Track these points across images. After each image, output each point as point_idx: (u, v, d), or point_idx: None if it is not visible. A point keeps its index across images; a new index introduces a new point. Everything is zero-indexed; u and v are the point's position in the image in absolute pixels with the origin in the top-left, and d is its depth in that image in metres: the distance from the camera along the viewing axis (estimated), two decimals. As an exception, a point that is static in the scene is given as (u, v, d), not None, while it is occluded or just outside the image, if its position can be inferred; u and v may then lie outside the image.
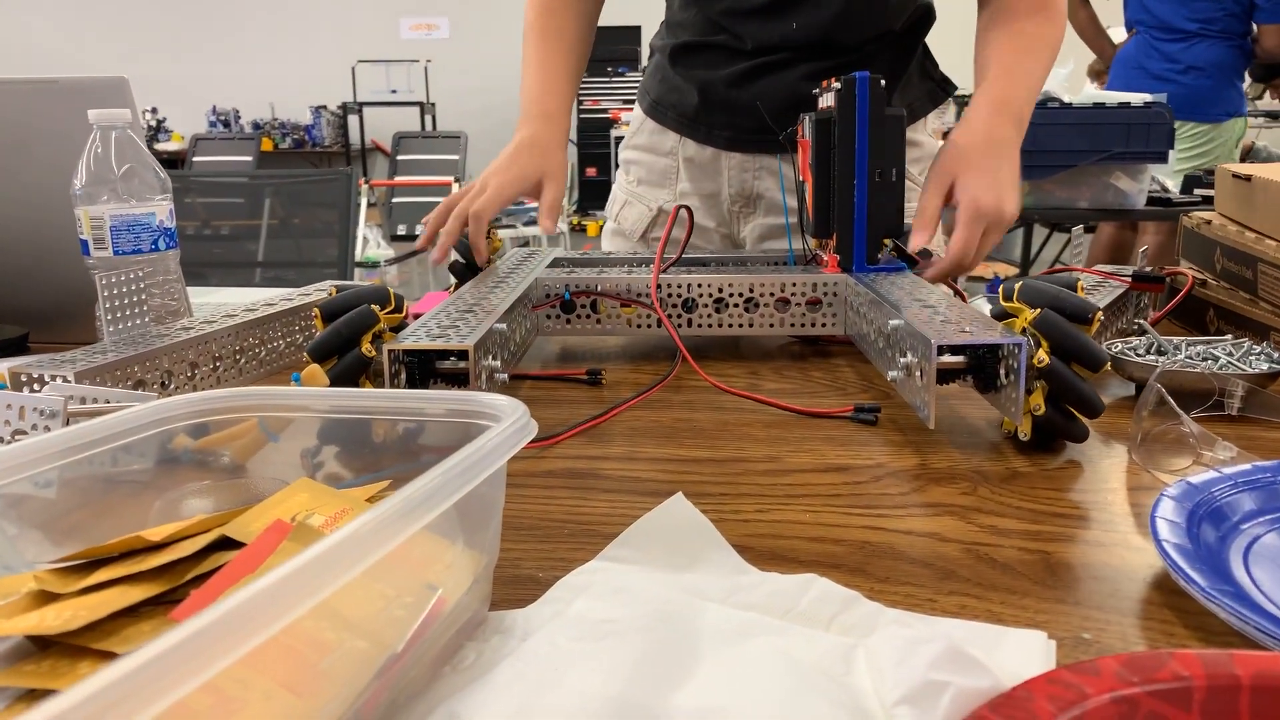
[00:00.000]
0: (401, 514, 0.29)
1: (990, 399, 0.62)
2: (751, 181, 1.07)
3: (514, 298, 0.75)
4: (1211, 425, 0.63)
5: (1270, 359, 0.68)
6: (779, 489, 0.53)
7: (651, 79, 1.14)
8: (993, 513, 0.50)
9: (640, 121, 1.14)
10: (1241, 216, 0.90)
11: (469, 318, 0.67)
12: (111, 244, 0.74)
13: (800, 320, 0.83)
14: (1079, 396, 0.56)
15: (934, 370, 0.57)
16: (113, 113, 0.73)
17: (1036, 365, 0.56)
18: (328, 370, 0.60)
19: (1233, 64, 3.07)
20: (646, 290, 0.82)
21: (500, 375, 0.66)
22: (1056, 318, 0.58)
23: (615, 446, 0.61)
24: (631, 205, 1.15)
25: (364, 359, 0.59)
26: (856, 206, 0.82)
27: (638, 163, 1.15)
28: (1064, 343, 0.57)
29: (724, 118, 1.05)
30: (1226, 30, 3.03)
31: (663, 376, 0.75)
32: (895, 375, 0.64)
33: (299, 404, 0.44)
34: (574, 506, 0.51)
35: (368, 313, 0.61)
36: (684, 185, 1.10)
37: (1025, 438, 0.59)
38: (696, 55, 1.05)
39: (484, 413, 0.41)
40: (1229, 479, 0.48)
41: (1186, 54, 3.07)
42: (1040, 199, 2.33)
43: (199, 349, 0.72)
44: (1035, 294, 0.60)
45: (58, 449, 0.38)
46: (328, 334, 0.60)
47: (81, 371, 0.61)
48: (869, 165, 0.81)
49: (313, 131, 7.94)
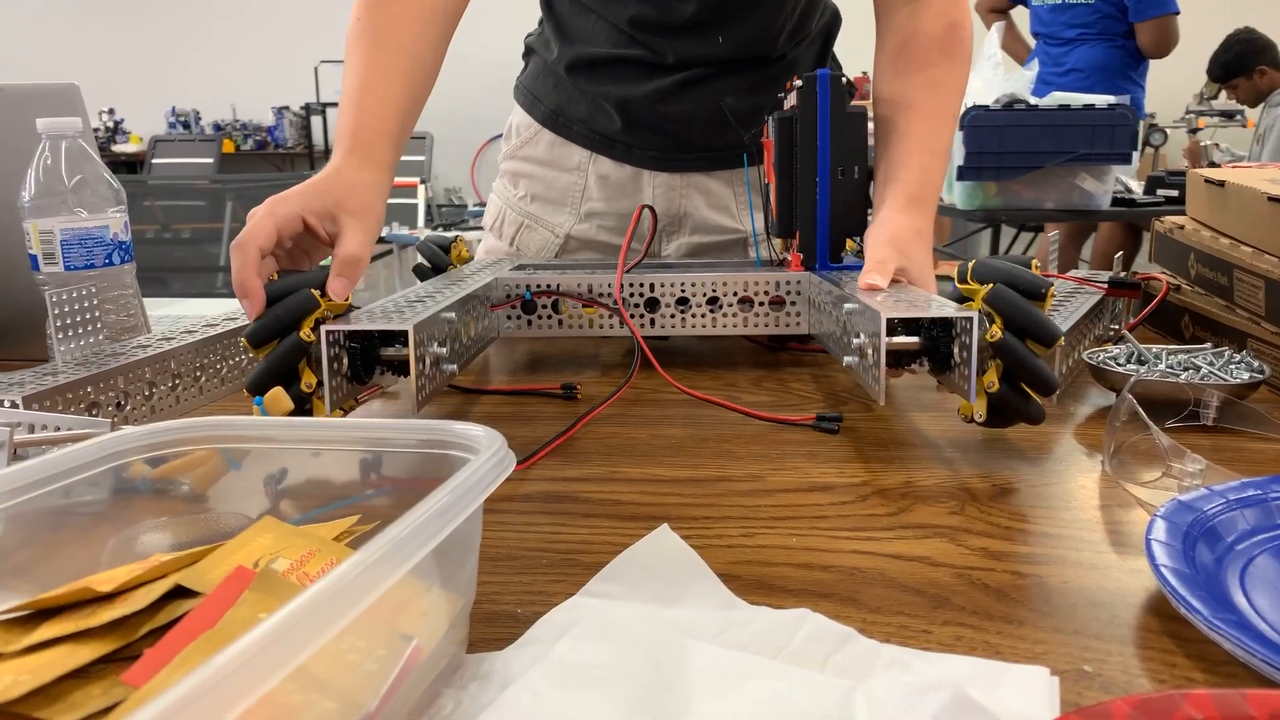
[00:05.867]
0: (380, 564, 0.27)
1: (945, 381, 0.61)
2: (679, 200, 1.02)
3: (468, 290, 0.72)
4: (1188, 436, 0.63)
5: (1250, 368, 0.67)
6: (763, 511, 0.52)
7: (541, 84, 1.05)
8: (982, 533, 0.49)
9: (534, 130, 1.06)
10: (1214, 221, 0.90)
11: (417, 306, 0.64)
12: (62, 259, 0.70)
13: (765, 320, 0.82)
14: (1033, 373, 0.56)
15: (884, 346, 0.56)
16: (62, 122, 0.70)
17: (989, 341, 0.55)
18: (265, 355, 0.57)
19: (1113, 64, 3.25)
20: (609, 290, 0.80)
21: (449, 366, 0.63)
22: (1009, 293, 0.57)
23: (593, 466, 0.59)
24: (532, 230, 1.07)
25: (303, 344, 0.56)
26: (819, 204, 0.81)
27: (532, 177, 1.06)
28: (1017, 318, 0.56)
29: (649, 137, 1.00)
30: (1104, 32, 3.20)
31: (625, 380, 0.73)
32: (850, 360, 0.63)
33: (262, 435, 0.41)
34: (552, 534, 0.49)
35: (307, 297, 0.58)
36: (595, 204, 1.04)
37: (981, 419, 0.58)
38: (605, 69, 0.99)
39: (458, 443, 0.39)
40: (1220, 495, 0.47)
41: (1068, 57, 3.27)
42: (1007, 200, 2.35)
43: (156, 368, 0.69)
44: (989, 271, 0.60)
45: (2, 490, 0.36)
46: (266, 319, 0.57)
47: (30, 395, 0.58)
48: (831, 163, 0.80)
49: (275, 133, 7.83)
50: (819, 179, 0.80)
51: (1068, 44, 3.32)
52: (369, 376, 0.60)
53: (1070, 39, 3.31)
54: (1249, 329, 0.76)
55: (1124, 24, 3.21)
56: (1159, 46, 3.19)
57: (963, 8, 0.86)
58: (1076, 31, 3.28)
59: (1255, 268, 0.75)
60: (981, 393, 0.57)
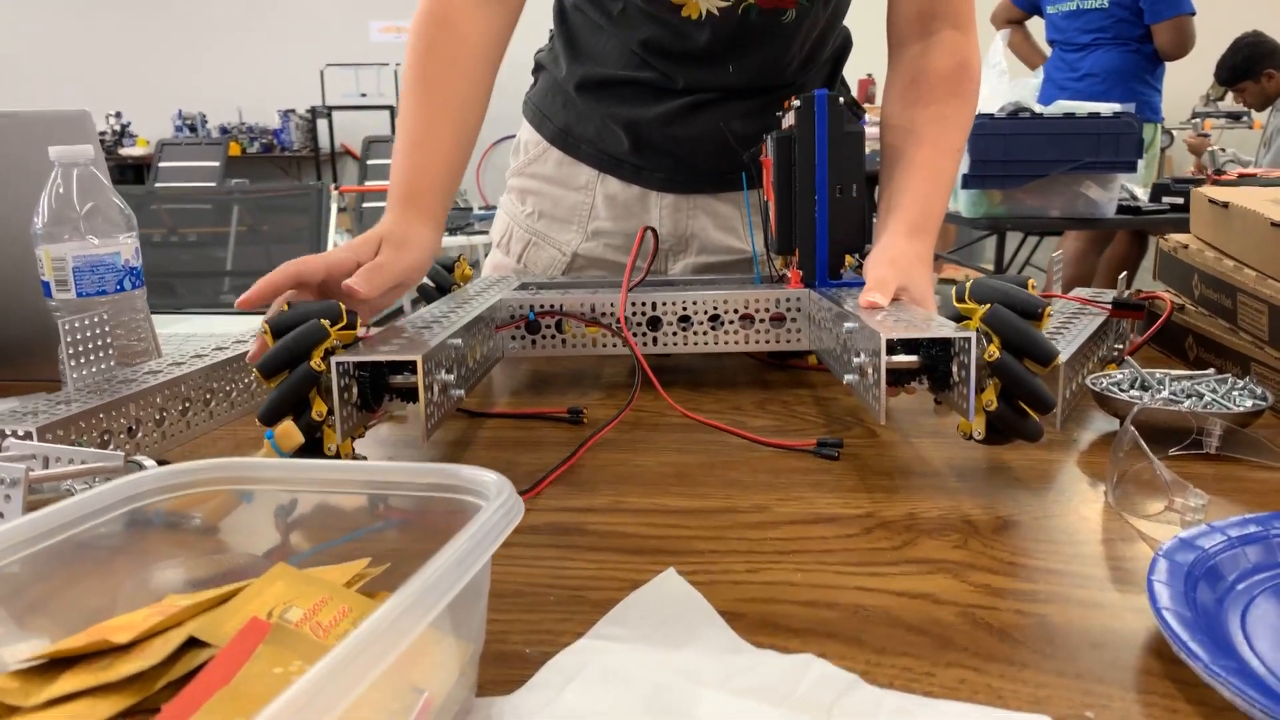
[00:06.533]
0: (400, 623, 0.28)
1: (944, 399, 0.62)
2: (686, 221, 1.03)
3: (473, 315, 0.73)
4: (1191, 464, 0.63)
5: (1254, 395, 0.68)
6: (768, 544, 0.52)
7: (550, 101, 1.06)
8: (985, 569, 0.49)
9: (542, 148, 1.06)
10: (1219, 242, 0.90)
11: (424, 333, 0.65)
12: (75, 285, 0.71)
13: (765, 336, 0.83)
14: (1030, 391, 0.56)
15: (884, 366, 0.57)
16: (75, 149, 0.71)
17: (988, 360, 0.56)
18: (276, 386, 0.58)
19: (1129, 69, 3.27)
20: (611, 310, 0.81)
21: (456, 391, 0.64)
22: (1006, 313, 0.58)
23: (600, 496, 0.60)
24: (539, 247, 1.07)
25: (313, 374, 0.57)
26: (818, 222, 0.82)
27: (540, 194, 1.07)
28: (1014, 338, 0.57)
29: (657, 159, 1.01)
30: (1119, 37, 3.24)
31: (625, 405, 0.74)
32: (851, 379, 0.64)
33: (278, 477, 0.42)
34: (559, 568, 0.50)
35: (317, 327, 0.59)
36: (602, 223, 1.04)
37: (980, 436, 0.59)
38: (615, 90, 0.99)
39: (467, 488, 0.39)
40: (1222, 531, 0.48)
41: (1083, 62, 3.31)
42: (1012, 208, 2.35)
43: (167, 394, 0.69)
44: (986, 291, 0.61)
45: (21, 539, 0.36)
46: (276, 350, 0.58)
47: (44, 425, 0.59)
48: (830, 181, 0.81)
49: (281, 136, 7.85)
50: (818, 197, 0.81)
51: (1083, 49, 3.34)
52: (378, 404, 0.61)
53: (1085, 44, 3.33)
54: (1253, 353, 0.76)
55: (1139, 28, 3.23)
56: (1177, 47, 3.20)
57: (973, 46, 0.87)
58: (1091, 37, 3.30)
59: (1259, 292, 0.75)
60: (980, 411, 0.57)
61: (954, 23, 0.87)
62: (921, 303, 0.71)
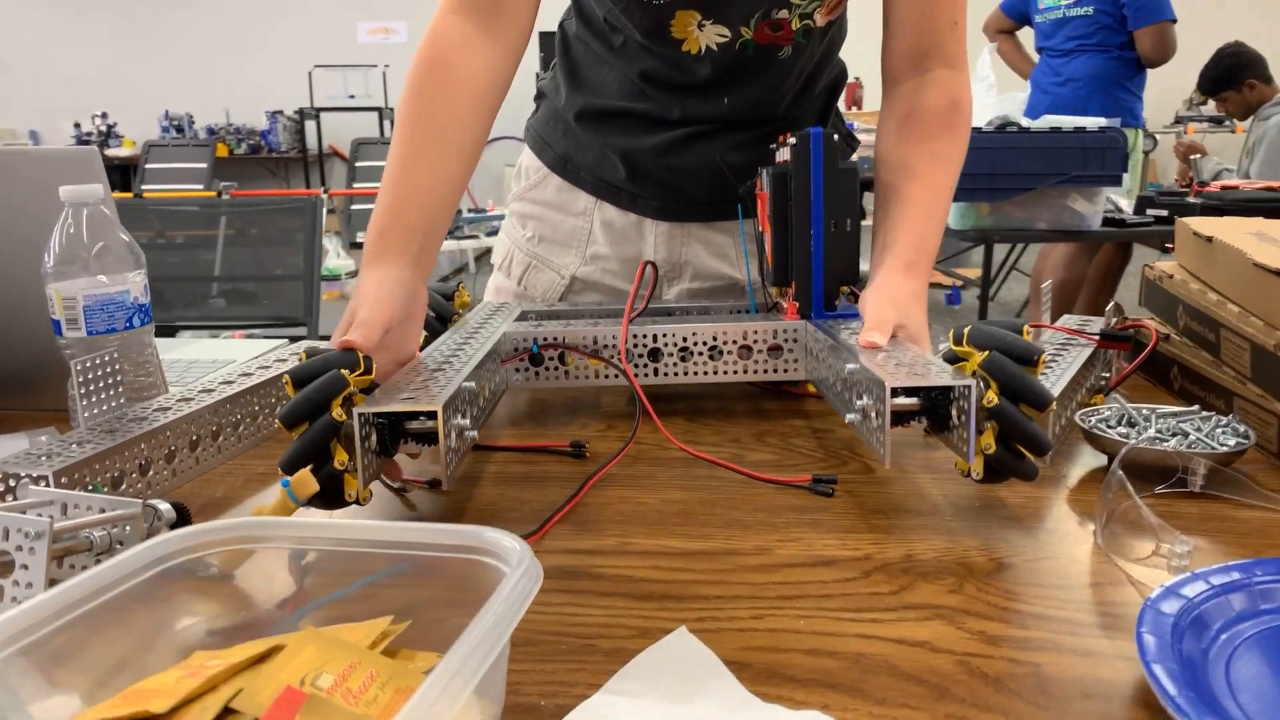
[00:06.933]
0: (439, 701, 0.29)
1: (943, 439, 0.64)
2: (680, 249, 1.05)
3: (482, 354, 0.75)
4: (1176, 503, 0.65)
5: (1236, 433, 0.70)
6: (771, 589, 0.54)
7: (552, 129, 1.08)
8: (980, 614, 0.51)
9: (543, 174, 1.09)
10: (1202, 274, 0.92)
11: (438, 376, 0.67)
12: (85, 324, 0.72)
13: (763, 366, 0.85)
14: (1027, 435, 0.59)
15: (889, 412, 0.59)
16: (85, 189, 0.72)
17: (986, 406, 0.59)
18: (298, 436, 0.60)
19: (1110, 74, 3.41)
20: (613, 343, 0.83)
21: (470, 433, 0.66)
22: (1004, 360, 0.60)
23: (606, 537, 0.61)
24: (539, 270, 1.09)
25: (334, 424, 0.59)
26: (814, 255, 0.84)
27: (540, 219, 1.09)
28: (1011, 384, 0.59)
29: (652, 188, 1.03)
30: (1102, 44, 3.37)
31: (626, 442, 0.75)
32: (853, 418, 0.66)
33: (301, 536, 0.44)
34: (569, 615, 0.52)
35: (337, 378, 0.61)
36: (600, 248, 1.07)
37: (978, 477, 0.61)
38: (613, 121, 1.02)
39: (487, 549, 0.41)
40: (1204, 579, 0.50)
41: (1066, 68, 3.46)
42: (1000, 220, 2.38)
43: (177, 431, 0.71)
44: (983, 338, 0.63)
45: (59, 608, 0.38)
46: (298, 401, 0.60)
47: (60, 469, 0.60)
48: (825, 216, 0.83)
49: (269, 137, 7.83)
50: (813, 232, 0.83)
51: (1066, 55, 3.46)
52: (395, 448, 0.62)
53: (1069, 50, 3.45)
54: (1235, 388, 0.79)
55: (1121, 35, 3.34)
56: (1158, 53, 3.29)
57: (964, 86, 0.89)
58: (1075, 43, 3.43)
59: (1241, 330, 0.78)
60: (979, 453, 0.59)
61: (947, 61, 0.89)
62: (917, 339, 0.73)
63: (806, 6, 0.92)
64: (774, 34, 0.93)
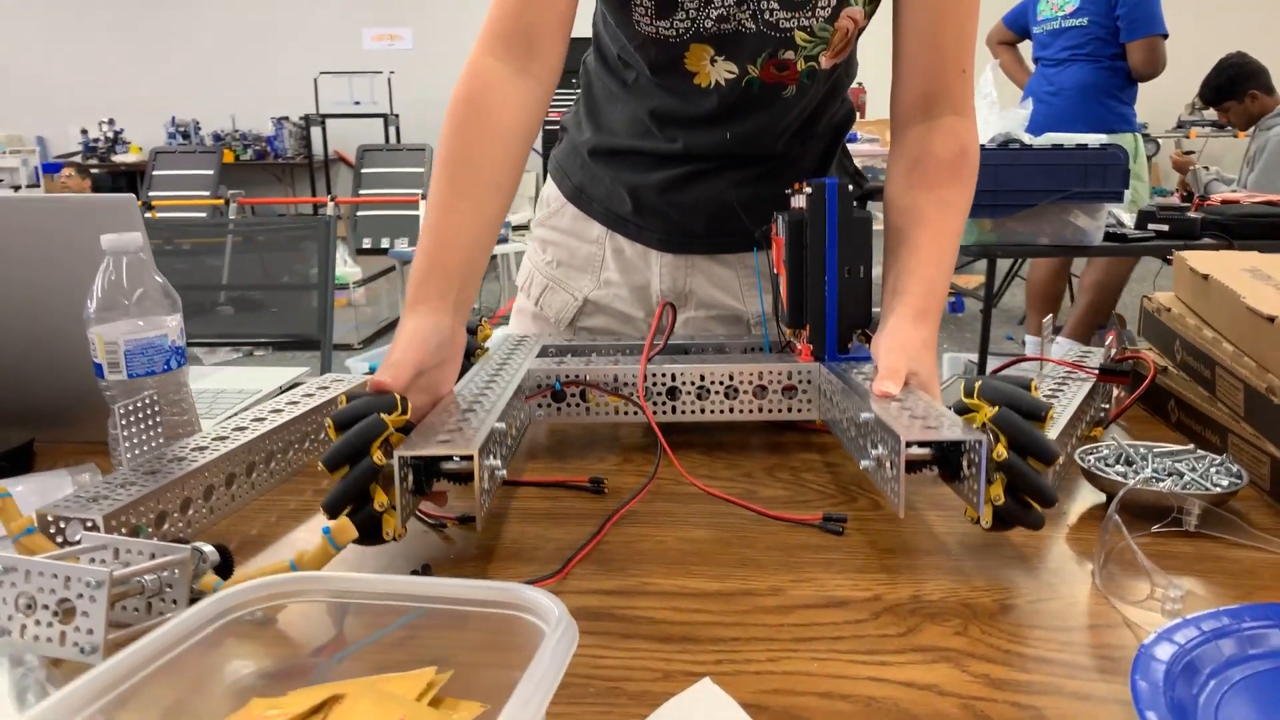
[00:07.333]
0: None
1: (954, 488, 0.67)
2: (684, 279, 1.10)
3: (510, 393, 0.78)
4: (1171, 542, 0.68)
5: (1230, 473, 0.73)
6: (786, 631, 0.57)
7: (571, 160, 1.13)
8: (984, 657, 0.54)
9: (561, 203, 1.14)
10: (1199, 309, 0.95)
11: (470, 418, 0.70)
12: (126, 367, 0.75)
13: (778, 406, 0.88)
14: (1034, 488, 0.62)
15: (903, 464, 0.62)
16: (125, 238, 0.75)
17: (996, 460, 0.62)
18: (340, 478, 0.63)
19: (1100, 84, 3.54)
20: (633, 381, 0.86)
21: (500, 472, 0.69)
22: (1014, 416, 0.64)
23: (627, 577, 0.64)
24: (554, 291, 1.15)
25: (375, 468, 0.62)
26: (828, 301, 0.87)
27: (558, 244, 1.15)
28: (1020, 439, 0.63)
29: (656, 221, 1.08)
30: (1093, 54, 3.52)
31: (647, 480, 0.78)
32: (867, 465, 0.69)
33: (354, 590, 0.47)
34: (595, 657, 0.55)
35: (377, 422, 0.64)
36: (611, 274, 1.12)
37: (987, 525, 0.64)
38: (622, 158, 1.07)
39: (526, 606, 0.44)
40: (1197, 625, 0.53)
41: (1059, 77, 3.58)
42: (1003, 235, 2.41)
43: (214, 470, 0.74)
44: (994, 393, 0.66)
45: (132, 667, 0.41)
46: (340, 445, 0.63)
47: (110, 513, 0.63)
48: (839, 263, 0.86)
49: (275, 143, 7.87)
50: (828, 278, 0.86)
51: (1060, 64, 3.59)
52: (430, 487, 0.66)
53: (1063, 60, 3.57)
54: (1230, 425, 0.82)
55: (1113, 47, 3.47)
56: (1148, 66, 3.40)
57: (972, 133, 0.92)
58: (1069, 53, 3.55)
59: (1235, 370, 0.81)
60: (988, 502, 0.63)
61: (955, 108, 0.92)
62: (928, 386, 0.76)
63: (812, 50, 0.95)
64: (780, 74, 0.97)
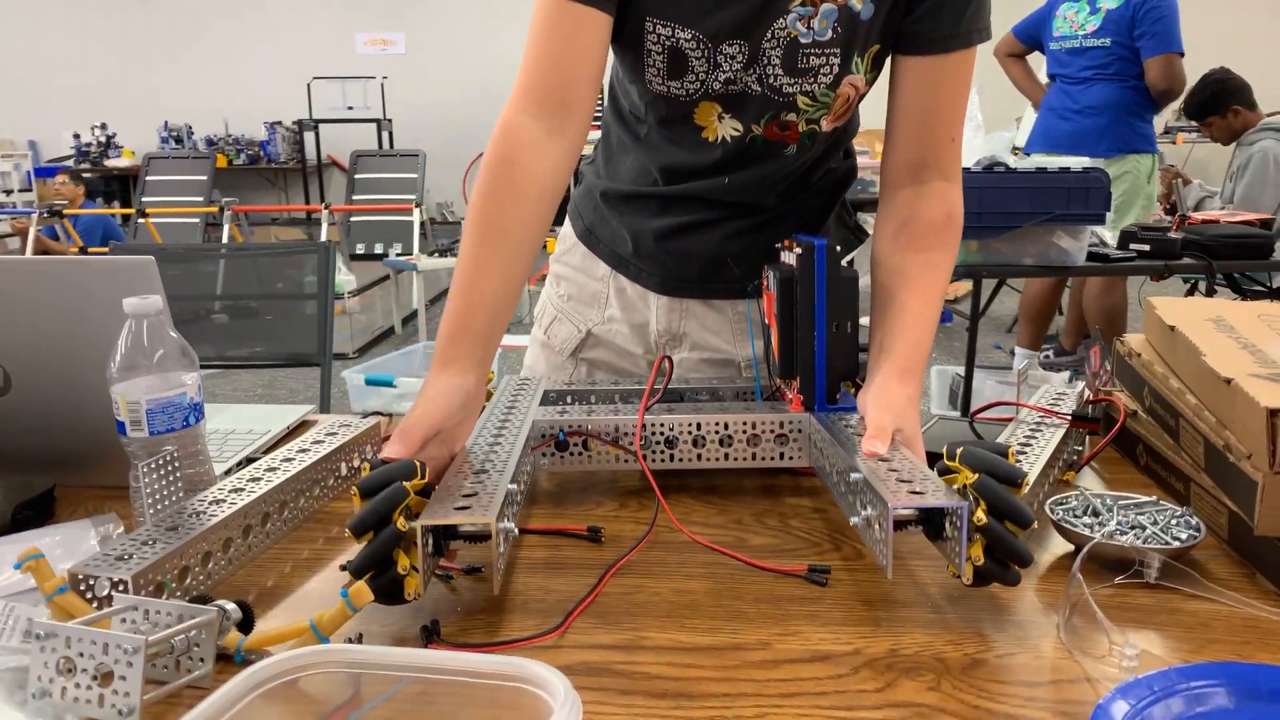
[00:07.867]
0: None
1: (938, 546, 0.72)
2: (679, 321, 1.16)
3: (519, 450, 0.82)
4: (1133, 594, 0.73)
5: (1189, 527, 0.78)
6: (773, 686, 0.62)
7: (585, 202, 1.20)
8: (955, 713, 0.59)
9: (573, 241, 1.21)
10: (1167, 357, 1.00)
11: (485, 480, 0.75)
12: (148, 425, 0.79)
13: (770, 453, 0.92)
14: (1011, 550, 0.68)
15: (891, 528, 0.67)
16: (146, 302, 0.79)
17: (976, 524, 0.67)
18: (365, 544, 0.68)
19: (1124, 103, 3.52)
20: (633, 431, 0.91)
21: (512, 532, 0.74)
22: (993, 483, 0.69)
23: (622, 631, 0.69)
24: (561, 322, 1.22)
25: (398, 534, 0.67)
26: (817, 354, 0.92)
27: (569, 280, 1.22)
28: (999, 505, 0.68)
29: (654, 265, 1.14)
30: (1119, 74, 3.49)
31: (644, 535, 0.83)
32: (857, 522, 0.74)
33: (382, 662, 0.51)
34: (596, 714, 0.59)
35: (399, 490, 0.69)
36: (614, 311, 1.18)
37: (968, 582, 0.69)
38: (628, 203, 1.13)
39: (534, 680, 0.49)
40: (1148, 686, 0.58)
41: (1083, 96, 3.54)
42: (988, 256, 2.46)
43: (232, 524, 0.78)
44: (973, 460, 0.71)
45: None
46: (365, 513, 0.68)
47: (138, 572, 0.67)
48: (827, 319, 0.91)
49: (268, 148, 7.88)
50: (817, 333, 0.91)
51: (1083, 83, 3.57)
52: (447, 548, 0.71)
53: (1086, 79, 3.56)
54: (1192, 474, 0.86)
55: (1137, 66, 3.48)
56: (1165, 81, 3.40)
57: (958, 198, 0.97)
58: (1093, 72, 3.54)
59: (1196, 424, 0.85)
60: (969, 561, 0.67)
61: (943, 174, 0.97)
62: (911, 442, 0.81)
63: (814, 114, 1.00)
64: (782, 133, 1.02)
